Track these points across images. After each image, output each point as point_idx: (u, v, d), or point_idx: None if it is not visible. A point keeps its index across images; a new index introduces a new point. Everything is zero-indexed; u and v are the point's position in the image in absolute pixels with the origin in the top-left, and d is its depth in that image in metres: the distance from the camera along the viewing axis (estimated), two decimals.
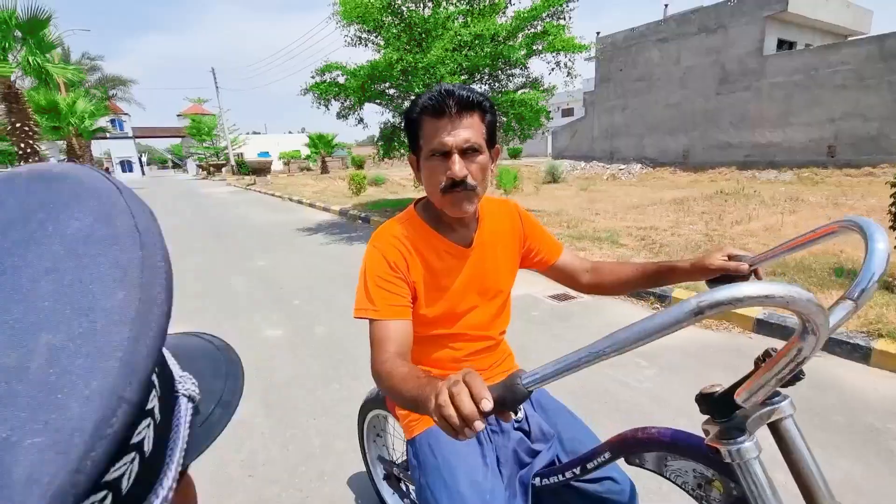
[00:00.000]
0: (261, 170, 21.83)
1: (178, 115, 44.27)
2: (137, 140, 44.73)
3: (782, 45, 16.95)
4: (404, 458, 1.41)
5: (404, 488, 1.50)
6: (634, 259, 4.46)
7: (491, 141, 0.97)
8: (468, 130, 0.90)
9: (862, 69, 13.77)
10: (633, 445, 0.84)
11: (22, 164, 10.47)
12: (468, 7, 6.60)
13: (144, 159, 50.00)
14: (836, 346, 2.74)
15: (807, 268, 3.85)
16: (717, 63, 16.87)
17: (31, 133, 10.23)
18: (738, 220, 6.73)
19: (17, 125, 9.95)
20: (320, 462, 1.96)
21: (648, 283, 1.11)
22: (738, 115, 16.49)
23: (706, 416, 0.72)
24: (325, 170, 27.09)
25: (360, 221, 8.83)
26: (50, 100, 13.14)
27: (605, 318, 3.50)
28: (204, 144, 35.17)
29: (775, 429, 0.69)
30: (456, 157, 0.90)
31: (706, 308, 0.49)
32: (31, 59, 9.24)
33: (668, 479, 0.81)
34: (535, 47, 6.72)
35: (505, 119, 6.79)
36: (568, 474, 0.95)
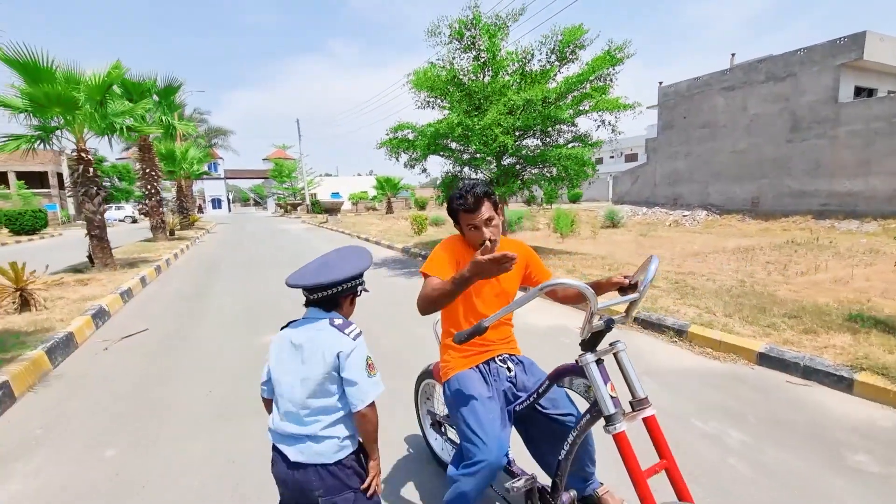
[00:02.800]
0: (332, 209, 24.03)
1: (264, 159, 49.55)
2: (227, 180, 50.47)
3: (861, 91, 16.52)
4: (444, 412, 2.19)
5: (443, 430, 2.29)
6: (663, 299, 4.98)
7: (495, 209, 1.77)
8: (484, 212, 1.70)
9: None
10: (557, 375, 1.60)
11: (147, 201, 12.78)
12: (521, 76, 7.66)
13: (230, 197, 55.95)
14: (825, 377, 3.17)
15: (824, 312, 4.20)
16: (787, 110, 16.72)
17: (156, 176, 12.55)
18: (804, 270, 6.62)
19: (147, 170, 12.29)
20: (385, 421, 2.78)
21: (580, 300, 1.72)
22: (811, 162, 16.09)
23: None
24: (389, 210, 29.10)
25: (420, 259, 9.87)
26: (169, 149, 15.92)
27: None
28: (284, 185, 39.00)
29: (618, 359, 1.45)
30: (484, 229, 1.70)
31: (546, 287, 1.31)
32: (163, 118, 11.55)
33: (574, 391, 1.56)
34: (581, 107, 7.59)
35: (555, 169, 7.62)
36: (533, 398, 1.70)
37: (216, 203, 47.89)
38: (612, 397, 1.36)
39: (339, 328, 1.41)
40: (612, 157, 40.43)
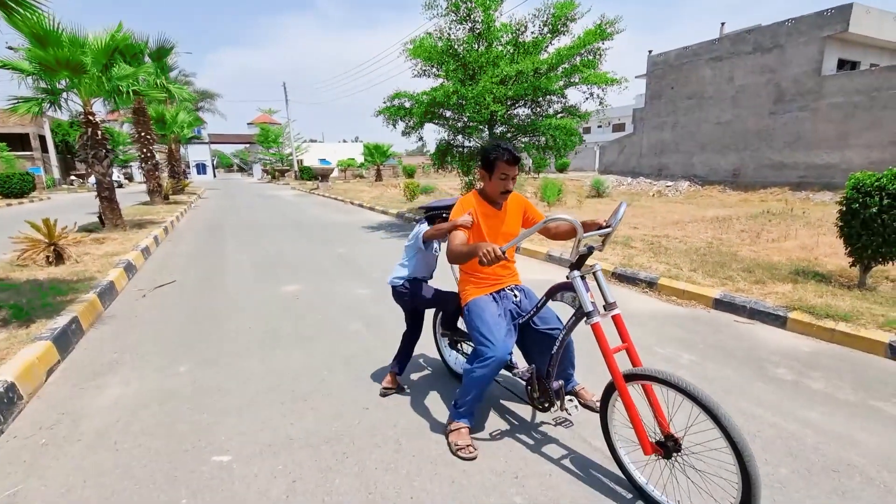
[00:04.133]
0: (323, 176, 24.16)
1: (249, 124, 48.71)
2: (211, 145, 49.62)
3: (844, 64, 17.05)
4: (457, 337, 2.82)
5: (459, 347, 2.93)
6: (638, 257, 5.65)
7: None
8: (516, 171, 2.27)
9: None
10: (551, 292, 2.21)
11: (143, 164, 12.97)
12: (514, 47, 8.05)
13: (214, 162, 55.08)
14: (765, 317, 3.87)
15: (775, 268, 4.91)
16: (772, 82, 17.19)
17: (150, 140, 12.70)
18: (774, 238, 7.21)
19: (142, 133, 12.44)
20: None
21: (571, 235, 2.28)
22: (793, 134, 16.72)
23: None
24: (379, 177, 29.26)
25: (415, 223, 10.40)
26: (159, 112, 15.89)
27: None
28: (270, 151, 38.63)
29: (595, 276, 2.03)
30: (510, 181, 2.26)
31: (548, 220, 1.96)
32: (157, 81, 11.64)
33: (565, 302, 2.15)
34: (571, 80, 8.03)
35: (544, 139, 8.14)
36: (532, 311, 2.32)
37: (201, 168, 47.27)
38: (591, 301, 1.95)
39: (421, 223, 2.68)
40: (599, 126, 40.73)
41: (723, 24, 21.19)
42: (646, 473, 1.93)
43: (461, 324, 2.82)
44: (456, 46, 8.02)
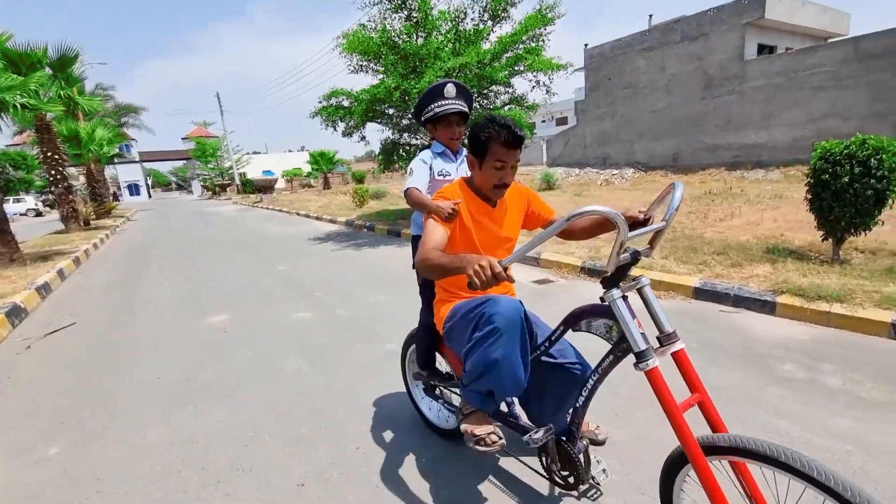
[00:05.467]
0: (266, 188, 22.73)
1: (184, 139, 45.61)
2: (143, 163, 46.05)
3: (763, 49, 17.83)
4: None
5: (440, 393, 2.20)
6: (605, 248, 5.22)
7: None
8: (517, 156, 1.55)
9: (839, 71, 14.50)
10: (572, 319, 1.48)
11: (53, 189, 11.38)
12: (455, 36, 7.49)
13: (149, 182, 51.32)
14: (752, 303, 3.49)
15: (746, 248, 4.61)
16: (701, 69, 17.72)
17: (60, 160, 11.15)
18: (721, 217, 7.18)
19: (49, 154, 10.87)
20: (351, 391, 2.73)
21: (597, 231, 1.69)
22: (723, 118, 17.29)
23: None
24: (327, 185, 28.04)
25: (365, 230, 9.64)
26: (71, 129, 14.11)
27: (574, 293, 4.26)
28: (209, 165, 36.29)
29: (642, 295, 1.33)
30: (509, 171, 1.56)
31: (573, 217, 1.12)
32: (61, 93, 10.19)
33: (594, 333, 1.43)
34: (516, 68, 7.58)
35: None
36: (545, 346, 1.58)
37: (133, 189, 43.69)
38: (642, 334, 1.29)
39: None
40: (543, 121, 41.26)
41: (650, 16, 21.75)
42: None
43: (441, 363, 2.14)
44: (394, 38, 7.35)
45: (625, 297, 1.32)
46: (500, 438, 1.53)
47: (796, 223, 6.10)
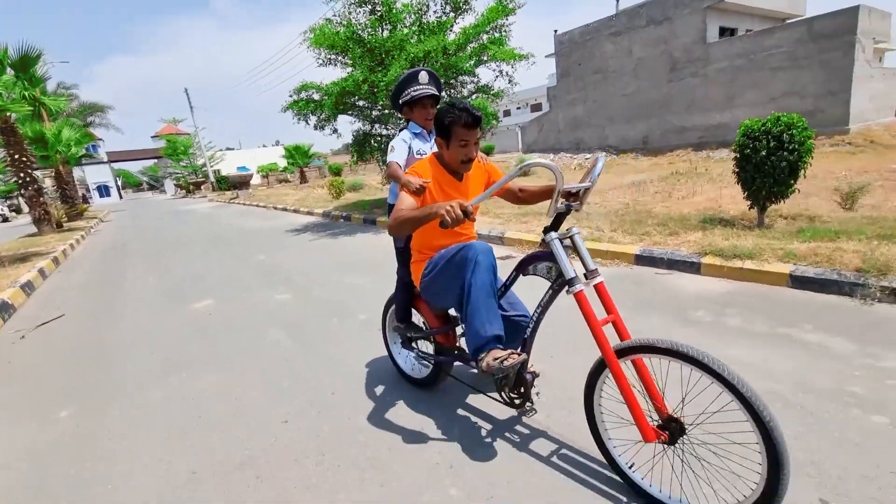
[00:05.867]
0: (241, 184, 22.70)
1: (153, 137, 44.72)
2: (112, 164, 45.02)
3: (724, 31, 18.50)
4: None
5: (415, 346, 2.48)
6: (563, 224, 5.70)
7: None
8: (477, 133, 1.89)
9: (795, 51, 15.17)
10: (522, 264, 1.88)
11: (24, 191, 11.36)
12: (419, 28, 7.82)
13: (119, 182, 50.20)
14: (681, 265, 3.99)
15: (685, 219, 5.13)
16: (666, 52, 18.31)
17: (28, 163, 11.13)
18: (684, 195, 7.68)
19: (16, 157, 10.85)
20: (327, 354, 3.13)
21: (544, 197, 2.03)
22: (688, 100, 17.94)
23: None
24: (303, 179, 28.05)
25: (342, 220, 9.96)
26: (37, 130, 13.96)
27: None
28: (181, 164, 35.76)
29: (573, 241, 1.69)
30: (472, 147, 1.88)
31: (524, 166, 1.55)
32: (25, 93, 10.17)
33: (539, 275, 1.82)
34: (482, 58, 7.96)
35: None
36: (502, 289, 1.97)
37: (103, 190, 42.75)
38: (573, 268, 1.67)
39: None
40: (518, 108, 41.70)
41: (617, 0, 22.22)
42: (639, 463, 1.66)
43: (417, 318, 2.48)
44: (359, 32, 7.64)
45: (561, 241, 1.70)
46: (518, 355, 1.77)
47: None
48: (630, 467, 1.66)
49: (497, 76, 8.12)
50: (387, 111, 8.33)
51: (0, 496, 2.01)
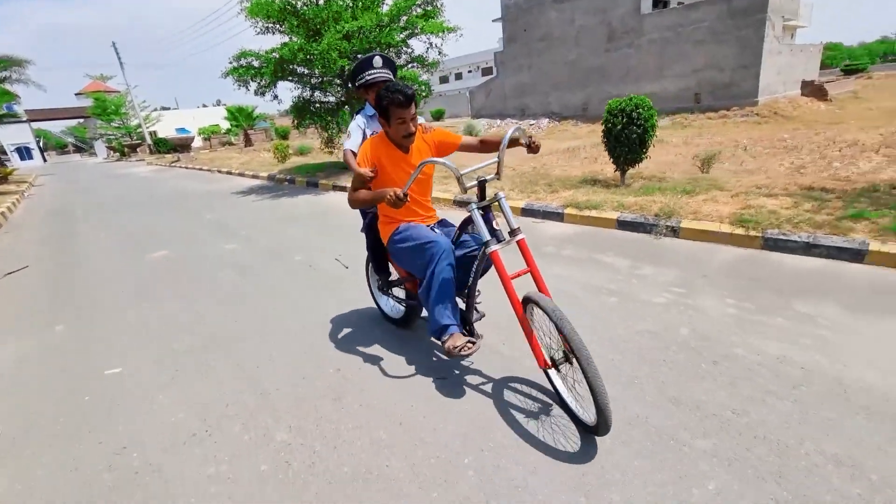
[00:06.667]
0: (182, 146, 22.32)
1: (78, 94, 41.85)
2: (31, 123, 41.92)
3: (658, 3, 19.76)
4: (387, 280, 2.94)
5: (389, 292, 3.02)
6: None
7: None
8: (412, 109, 2.16)
9: (715, 26, 16.60)
10: (463, 224, 2.34)
11: None
12: (353, 2, 8.49)
13: (41, 144, 46.89)
14: (550, 215, 5.23)
15: (570, 179, 6.38)
16: (605, 22, 19.40)
17: None
18: (607, 161, 8.65)
19: None
20: (270, 284, 4.14)
21: (490, 147, 2.40)
22: (623, 69, 19.24)
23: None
24: (248, 143, 27.73)
25: (286, 183, 10.69)
26: None
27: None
28: (113, 124, 34.06)
29: (500, 205, 2.13)
30: (409, 123, 2.17)
31: (424, 164, 2.02)
32: None
33: (474, 233, 2.34)
34: (414, 31, 8.76)
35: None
36: (454, 240, 2.36)
37: (24, 153, 39.99)
38: (490, 230, 2.02)
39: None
40: (469, 71, 42.07)
41: None
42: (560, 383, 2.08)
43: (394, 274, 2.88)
44: (295, 2, 8.21)
45: (486, 209, 2.06)
46: (474, 344, 2.19)
47: (665, 163, 7.91)
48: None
49: (427, 48, 8.97)
50: (326, 78, 9.01)
51: (28, 380, 2.95)
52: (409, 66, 9.34)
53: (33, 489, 1.93)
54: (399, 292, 3.02)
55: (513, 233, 2.02)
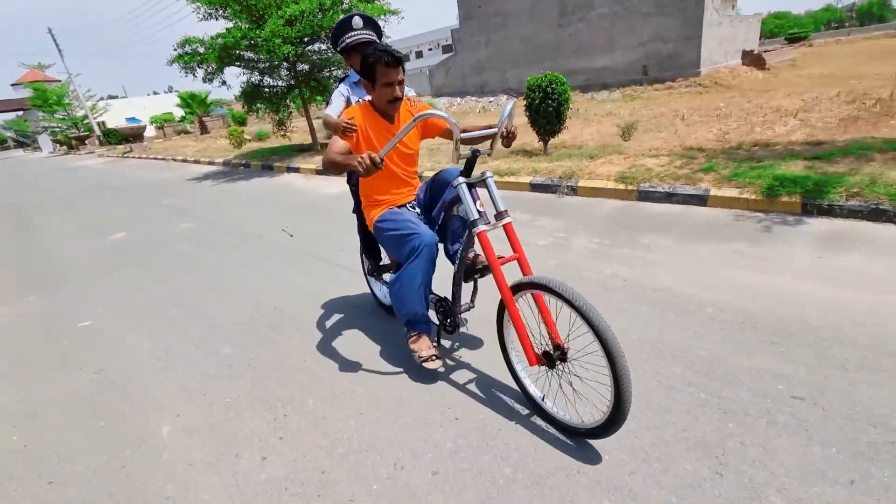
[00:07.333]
0: (134, 137, 22.01)
1: (14, 85, 40.04)
2: None
3: None
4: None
5: (377, 277, 3.01)
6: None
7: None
8: (400, 73, 2.03)
9: None
10: (449, 205, 2.16)
11: None
12: None
13: None
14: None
15: (501, 150, 7.12)
16: None
17: None
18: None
19: None
20: (221, 253, 4.74)
21: (482, 138, 2.15)
22: (576, 44, 19.97)
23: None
24: (204, 130, 27.43)
25: (242, 168, 11.10)
26: None
27: None
28: (57, 116, 32.91)
29: (486, 184, 1.97)
30: (397, 87, 2.03)
31: (419, 117, 1.71)
32: None
33: (461, 215, 2.13)
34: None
35: (341, 71, 9.33)
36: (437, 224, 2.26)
37: None
38: (477, 210, 1.87)
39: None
40: (430, 49, 42.12)
41: None
42: (540, 385, 1.97)
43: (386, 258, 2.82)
44: None
45: (472, 186, 1.89)
46: (439, 359, 2.17)
47: (606, 134, 8.65)
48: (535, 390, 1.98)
49: None
50: (274, 63, 9.40)
51: (10, 333, 3.53)
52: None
53: (34, 398, 2.57)
54: (388, 276, 2.89)
55: (499, 216, 1.89)
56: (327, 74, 9.77)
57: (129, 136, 23.66)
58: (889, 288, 2.56)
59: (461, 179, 1.92)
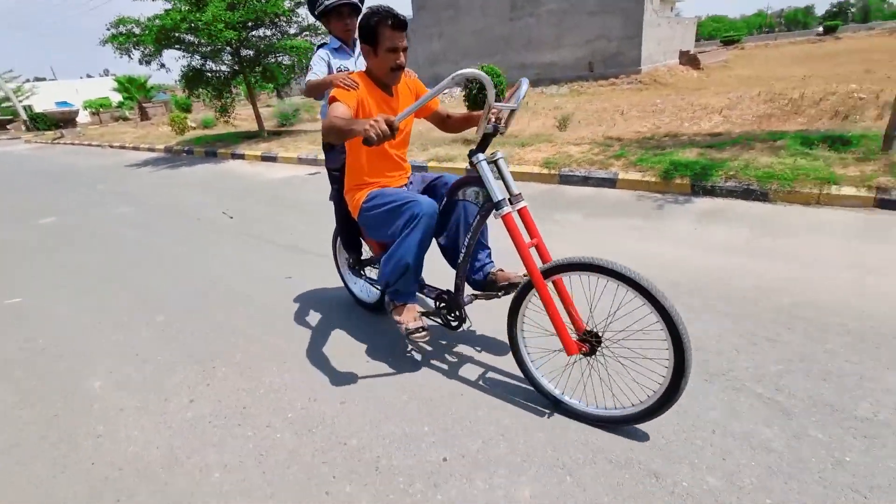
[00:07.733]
0: (66, 122, 20.76)
1: None
2: None
3: None
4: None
5: (364, 273, 2.73)
6: None
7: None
8: (404, 40, 1.86)
9: None
10: (454, 190, 2.01)
11: None
12: None
13: None
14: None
15: (444, 139, 7.44)
16: None
17: None
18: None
19: None
20: (162, 234, 4.80)
21: (467, 126, 2.13)
22: (526, 38, 20.53)
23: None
24: (145, 116, 26.23)
25: (184, 154, 10.87)
26: None
27: None
28: None
29: (498, 165, 1.80)
30: (402, 53, 1.86)
31: (456, 76, 1.48)
32: None
33: (468, 200, 2.04)
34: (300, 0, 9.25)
35: (287, 58, 9.35)
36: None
37: None
38: (500, 189, 1.72)
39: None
40: None
41: None
42: (560, 383, 1.89)
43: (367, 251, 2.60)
44: None
45: (487, 163, 1.75)
46: (427, 331, 1.99)
47: (549, 126, 9.00)
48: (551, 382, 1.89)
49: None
50: (217, 47, 9.27)
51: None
52: (302, 35, 9.83)
53: None
54: (373, 273, 2.69)
55: (515, 199, 1.77)
56: (272, 61, 9.73)
57: (59, 122, 22.28)
58: (739, 252, 3.09)
59: (481, 156, 1.75)
